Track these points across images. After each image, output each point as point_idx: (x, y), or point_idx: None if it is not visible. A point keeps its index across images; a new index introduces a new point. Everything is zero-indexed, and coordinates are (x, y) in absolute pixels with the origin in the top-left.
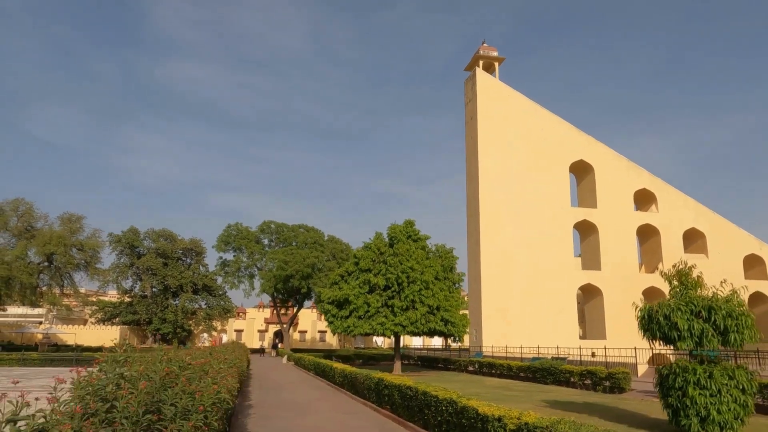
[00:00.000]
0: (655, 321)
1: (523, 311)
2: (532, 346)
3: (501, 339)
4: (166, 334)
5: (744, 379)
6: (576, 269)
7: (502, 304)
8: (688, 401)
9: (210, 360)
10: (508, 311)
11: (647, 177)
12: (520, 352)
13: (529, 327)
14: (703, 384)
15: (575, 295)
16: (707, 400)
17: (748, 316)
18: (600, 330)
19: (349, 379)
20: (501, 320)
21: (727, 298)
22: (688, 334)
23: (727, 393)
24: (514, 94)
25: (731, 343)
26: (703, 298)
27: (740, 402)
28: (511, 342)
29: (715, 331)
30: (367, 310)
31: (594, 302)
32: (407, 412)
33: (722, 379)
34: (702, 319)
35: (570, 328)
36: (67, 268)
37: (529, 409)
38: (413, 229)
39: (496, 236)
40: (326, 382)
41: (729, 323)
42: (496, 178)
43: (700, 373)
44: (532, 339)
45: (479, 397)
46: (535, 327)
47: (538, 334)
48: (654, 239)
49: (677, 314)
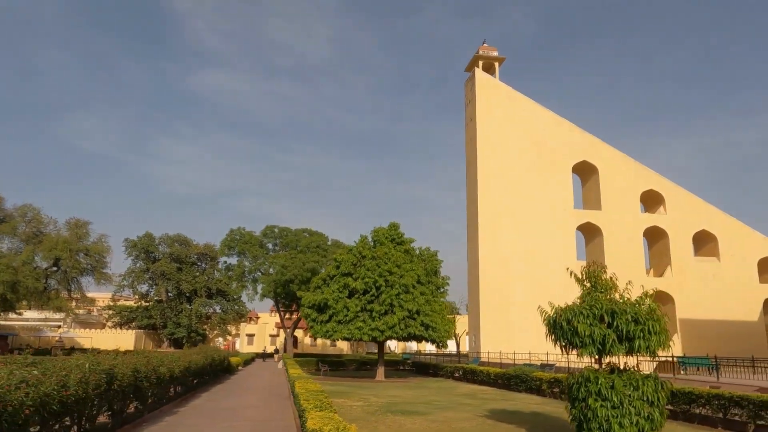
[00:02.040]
0: (559, 326)
1: (523, 316)
2: (532, 352)
3: (500, 345)
4: (180, 338)
5: (650, 390)
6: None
7: (501, 309)
8: (590, 413)
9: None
10: (507, 316)
11: (655, 178)
12: (513, 358)
13: (529, 332)
14: (605, 395)
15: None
16: (608, 413)
17: (657, 321)
18: None
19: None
20: (500, 326)
21: (638, 301)
22: (590, 341)
23: (629, 405)
24: (515, 94)
25: (636, 349)
26: (608, 301)
27: (645, 415)
28: (512, 348)
29: (618, 337)
30: (346, 314)
31: None
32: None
33: (626, 389)
34: (606, 324)
35: None
36: (73, 272)
37: (465, 419)
38: (397, 232)
39: (495, 240)
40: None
41: (633, 329)
42: (496, 180)
43: (602, 383)
44: (532, 345)
45: (431, 405)
46: (536, 333)
47: (539, 340)
48: (662, 242)
49: (579, 319)
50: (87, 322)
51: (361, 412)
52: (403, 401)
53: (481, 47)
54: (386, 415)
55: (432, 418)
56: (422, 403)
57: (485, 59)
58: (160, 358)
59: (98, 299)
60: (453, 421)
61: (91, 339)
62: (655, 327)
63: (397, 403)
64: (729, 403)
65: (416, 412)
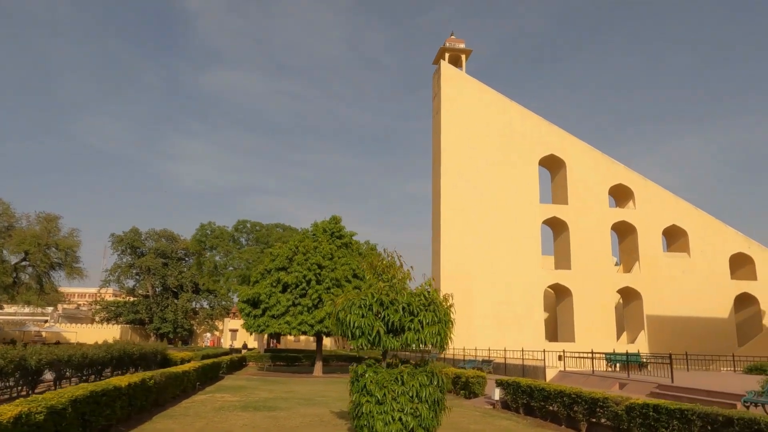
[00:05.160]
0: (338, 318)
1: (485, 313)
2: (492, 348)
3: (462, 341)
4: (167, 333)
5: (417, 385)
6: (544, 268)
7: (463, 305)
8: (361, 409)
9: None
10: (469, 312)
11: (624, 172)
12: (475, 354)
13: (492, 329)
14: (369, 390)
15: (542, 296)
16: (372, 409)
17: (435, 312)
18: (570, 332)
19: None
20: (461, 322)
21: (419, 292)
22: (359, 332)
23: (392, 401)
24: (482, 87)
25: (408, 342)
26: (380, 291)
27: (409, 411)
28: (473, 345)
29: (391, 329)
30: (278, 308)
31: (564, 303)
32: None
33: (392, 385)
34: (378, 315)
35: (536, 330)
36: (41, 266)
37: (307, 416)
38: (338, 226)
39: (458, 234)
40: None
41: (404, 320)
42: (460, 174)
43: (368, 377)
44: (494, 341)
45: (309, 401)
46: (500, 329)
47: (503, 336)
48: (631, 237)
49: (351, 310)
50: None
51: (217, 407)
52: (289, 396)
53: (448, 39)
54: (233, 411)
55: (278, 414)
56: (302, 398)
57: (452, 51)
58: (43, 350)
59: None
60: (293, 417)
61: (76, 334)
62: (429, 318)
63: (276, 399)
64: (569, 400)
65: (275, 408)
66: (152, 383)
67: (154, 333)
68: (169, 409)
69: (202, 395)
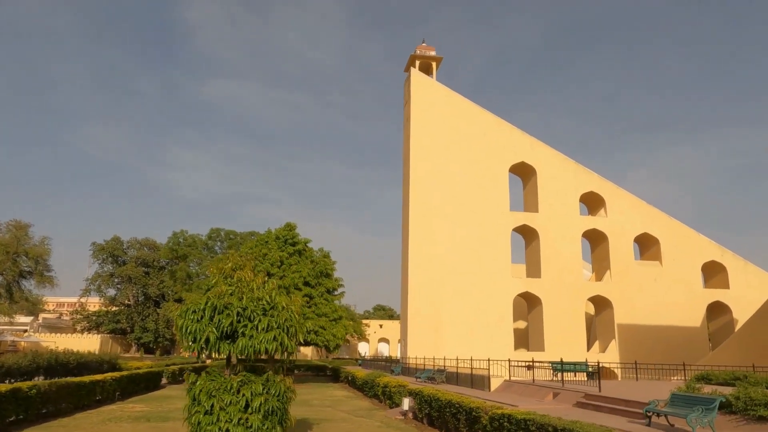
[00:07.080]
0: (175, 323)
1: (455, 321)
2: (460, 357)
3: (430, 350)
4: (148, 343)
5: (249, 394)
6: (514, 277)
7: (431, 314)
8: (190, 420)
9: None
10: (437, 321)
11: (596, 180)
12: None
13: (461, 338)
14: (199, 399)
15: (511, 305)
16: (202, 419)
17: (273, 318)
18: (540, 341)
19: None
20: (429, 331)
21: (259, 296)
22: (192, 339)
23: (220, 411)
24: (452, 95)
25: (242, 348)
26: (216, 296)
27: (236, 422)
28: (442, 354)
29: (225, 335)
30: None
31: (535, 312)
32: None
33: (222, 394)
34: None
35: (505, 339)
36: (10, 275)
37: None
38: (292, 233)
39: (426, 243)
40: None
41: (236, 325)
42: (429, 181)
43: (199, 385)
44: (463, 350)
45: None
46: (469, 338)
47: (472, 345)
48: (603, 245)
49: (186, 315)
50: (56, 326)
51: (110, 418)
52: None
53: (419, 47)
54: (120, 423)
55: (166, 425)
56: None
57: (422, 59)
58: None
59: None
60: (180, 427)
61: (55, 343)
62: (264, 323)
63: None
64: (454, 410)
65: (170, 418)
66: (33, 393)
67: (135, 342)
68: (53, 421)
69: (115, 405)
